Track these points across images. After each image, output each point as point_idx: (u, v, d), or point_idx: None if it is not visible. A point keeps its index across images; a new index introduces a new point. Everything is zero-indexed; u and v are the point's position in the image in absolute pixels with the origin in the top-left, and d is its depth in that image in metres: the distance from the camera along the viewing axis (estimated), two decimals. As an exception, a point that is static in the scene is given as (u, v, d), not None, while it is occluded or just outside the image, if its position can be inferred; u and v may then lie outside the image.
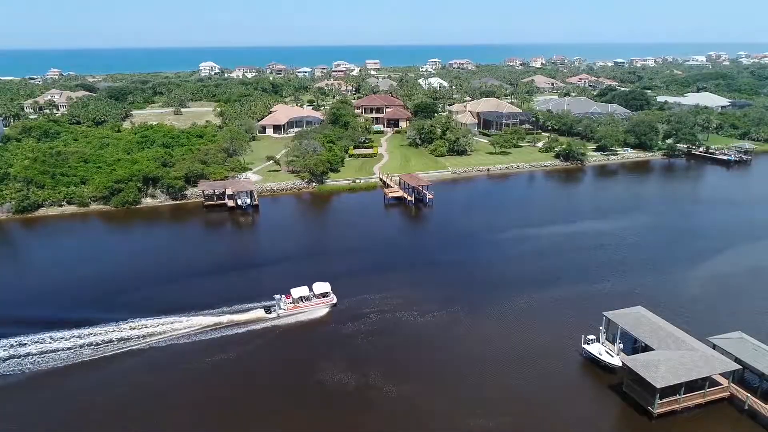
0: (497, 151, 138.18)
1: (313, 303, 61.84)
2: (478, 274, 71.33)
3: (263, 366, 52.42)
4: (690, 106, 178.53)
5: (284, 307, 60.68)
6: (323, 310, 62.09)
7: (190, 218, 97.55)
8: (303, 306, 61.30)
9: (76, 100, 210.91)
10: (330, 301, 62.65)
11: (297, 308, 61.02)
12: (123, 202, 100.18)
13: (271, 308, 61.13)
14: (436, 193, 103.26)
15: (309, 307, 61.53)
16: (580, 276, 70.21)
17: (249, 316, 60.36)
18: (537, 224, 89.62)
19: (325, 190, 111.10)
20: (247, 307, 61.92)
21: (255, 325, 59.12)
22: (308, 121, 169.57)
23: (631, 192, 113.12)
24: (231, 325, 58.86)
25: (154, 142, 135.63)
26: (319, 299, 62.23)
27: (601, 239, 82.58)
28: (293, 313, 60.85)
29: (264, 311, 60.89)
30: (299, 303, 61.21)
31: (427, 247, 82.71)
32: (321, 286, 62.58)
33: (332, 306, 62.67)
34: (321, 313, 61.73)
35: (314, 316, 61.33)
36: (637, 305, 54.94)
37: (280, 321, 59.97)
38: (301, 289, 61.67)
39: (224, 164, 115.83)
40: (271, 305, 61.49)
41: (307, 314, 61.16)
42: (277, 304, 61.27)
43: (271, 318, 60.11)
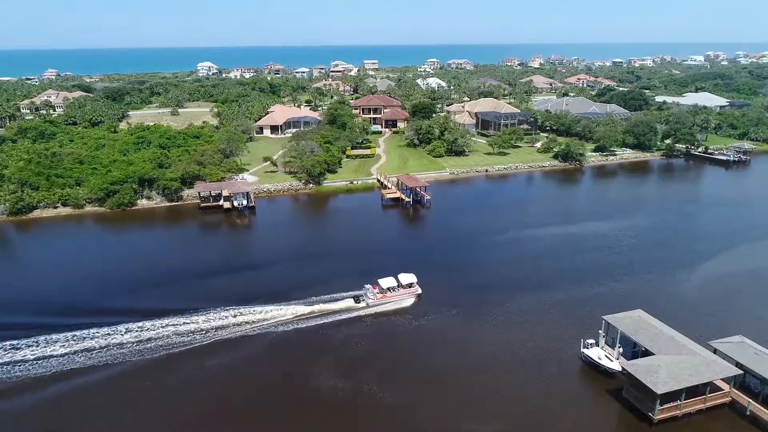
0: (495, 151, 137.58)
1: (399, 293, 63.71)
2: (476, 277, 70.62)
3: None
4: (688, 106, 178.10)
5: (372, 297, 62.61)
6: (410, 300, 64.06)
7: (186, 220, 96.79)
8: (390, 296, 63.25)
9: (72, 101, 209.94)
10: (415, 291, 64.46)
11: (385, 298, 63.06)
12: (118, 204, 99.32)
13: (360, 298, 63.36)
14: (434, 194, 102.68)
15: (396, 297, 63.49)
16: (579, 278, 69.57)
17: (340, 305, 62.69)
18: (535, 226, 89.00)
19: (322, 192, 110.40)
20: (337, 297, 64.32)
21: (347, 314, 61.38)
22: (306, 121, 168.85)
23: (630, 193, 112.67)
24: (325, 313, 61.20)
25: (151, 143, 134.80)
26: (406, 290, 64.02)
27: (600, 241, 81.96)
28: (381, 302, 62.85)
29: (354, 301, 63.31)
30: (387, 293, 63.13)
31: (424, 249, 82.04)
32: (407, 276, 64.50)
33: (417, 296, 64.45)
34: (407, 303, 63.66)
35: (401, 306, 63.15)
36: (636, 308, 54.31)
37: (369, 310, 62.09)
38: (388, 280, 63.68)
39: (221, 165, 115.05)
40: (359, 295, 63.90)
41: (394, 304, 63.07)
42: (365, 294, 63.48)
43: (361, 307, 62.34)
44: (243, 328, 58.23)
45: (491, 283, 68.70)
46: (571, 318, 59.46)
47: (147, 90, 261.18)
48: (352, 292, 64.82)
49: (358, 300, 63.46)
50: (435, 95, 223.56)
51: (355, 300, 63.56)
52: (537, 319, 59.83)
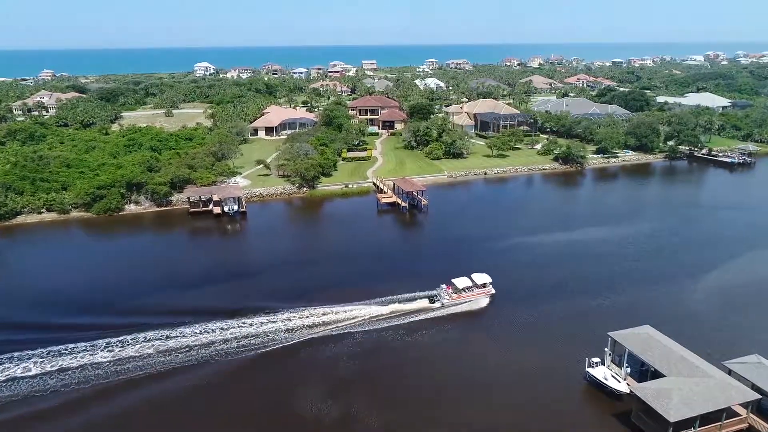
0: (495, 153, 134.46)
1: (474, 293, 63.01)
2: (475, 287, 67.51)
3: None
4: (690, 107, 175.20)
5: (447, 297, 61.90)
6: (484, 301, 63.28)
7: (173, 226, 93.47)
8: (465, 296, 62.58)
9: (65, 102, 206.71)
10: (489, 292, 63.69)
11: (460, 298, 62.40)
12: (105, 209, 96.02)
13: (434, 298, 62.67)
14: (432, 198, 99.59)
15: (471, 297, 62.84)
16: (582, 289, 66.42)
17: (415, 305, 62.01)
18: (535, 232, 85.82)
19: (316, 196, 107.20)
20: (412, 296, 63.64)
21: (424, 314, 60.54)
22: (301, 123, 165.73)
23: (633, 196, 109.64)
24: (401, 314, 60.37)
25: (142, 146, 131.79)
26: (480, 290, 63.29)
27: (603, 248, 78.84)
28: (456, 303, 62.22)
29: (428, 301, 62.64)
30: (462, 293, 62.41)
31: (419, 256, 78.85)
32: (481, 276, 63.79)
33: (491, 296, 63.69)
34: (482, 304, 62.89)
35: (476, 306, 62.40)
36: (643, 323, 51.16)
37: (444, 311, 61.27)
38: (463, 280, 63.02)
39: (212, 169, 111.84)
40: (434, 295, 63.25)
41: (469, 304, 62.37)
42: (439, 294, 62.80)
43: (436, 308, 61.54)
44: (320, 329, 57.36)
45: (490, 294, 65.65)
46: (573, 333, 56.37)
47: (142, 91, 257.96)
48: (427, 292, 64.20)
49: (433, 300, 62.86)
50: (433, 96, 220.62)
51: (429, 300, 63.01)
52: (538, 334, 56.74)
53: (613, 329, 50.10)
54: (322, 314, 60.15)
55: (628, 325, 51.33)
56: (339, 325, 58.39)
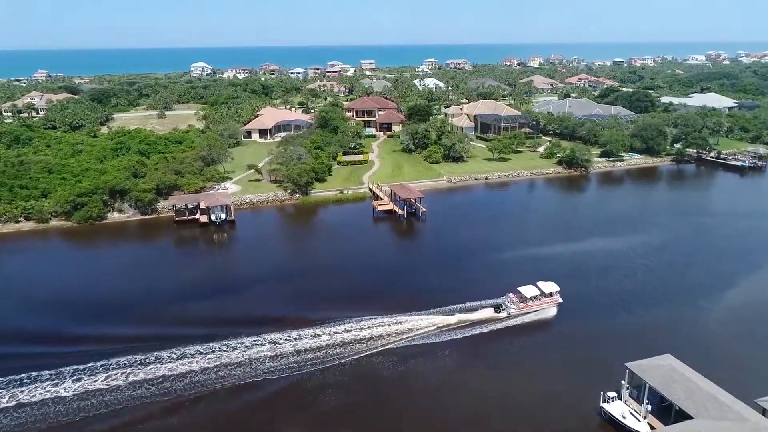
0: (496, 157, 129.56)
1: (541, 302, 60.48)
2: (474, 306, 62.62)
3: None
4: (696, 108, 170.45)
5: (514, 307, 59.62)
6: (552, 310, 60.81)
7: (157, 235, 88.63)
8: (533, 305, 60.10)
9: (55, 103, 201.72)
10: (557, 301, 61.01)
11: (527, 307, 59.97)
12: (86, 218, 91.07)
13: (500, 307, 60.35)
14: (430, 205, 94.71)
15: (538, 306, 60.38)
16: (591, 309, 61.66)
17: (480, 315, 59.72)
18: (539, 242, 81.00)
19: (309, 202, 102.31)
20: (476, 305, 61.29)
21: (492, 324, 58.22)
22: (296, 125, 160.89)
23: (640, 203, 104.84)
24: (466, 325, 58.02)
25: (130, 149, 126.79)
26: (548, 298, 60.68)
27: (612, 261, 74.00)
28: (524, 312, 59.85)
29: (494, 310, 60.34)
30: (529, 302, 59.95)
31: (416, 269, 73.74)
32: (548, 285, 61.14)
33: (558, 305, 61.07)
34: (551, 313, 60.52)
35: (544, 316, 60.05)
36: (660, 349, 46.66)
37: (511, 321, 58.90)
38: (530, 288, 60.42)
39: (200, 174, 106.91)
40: (499, 304, 60.98)
41: (536, 314, 59.99)
42: (504, 303, 60.64)
43: (503, 318, 59.25)
44: (387, 340, 54.89)
45: (493, 313, 60.83)
46: (585, 360, 51.55)
47: (135, 91, 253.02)
48: (492, 300, 61.82)
49: (499, 309, 60.41)
50: (432, 96, 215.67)
51: (495, 309, 60.55)
52: (546, 361, 51.82)
53: (627, 356, 45.44)
54: (374, 325, 57.38)
55: (644, 351, 46.70)
56: (403, 337, 55.69)
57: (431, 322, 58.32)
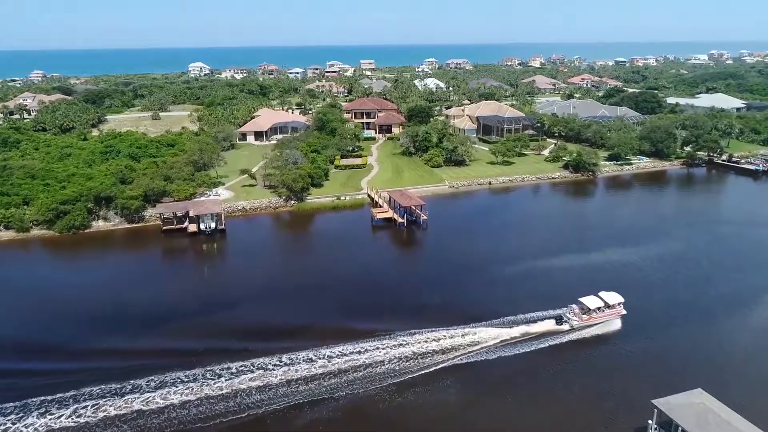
0: (499, 160, 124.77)
1: (606, 314, 57.13)
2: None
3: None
4: (704, 109, 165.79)
5: (577, 319, 56.51)
6: (617, 323, 57.51)
7: (142, 247, 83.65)
8: (597, 317, 56.79)
9: (47, 105, 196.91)
10: (620, 312, 57.62)
11: (591, 319, 56.65)
12: (69, 227, 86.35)
13: (562, 319, 57.19)
14: (432, 212, 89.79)
15: (603, 318, 57.14)
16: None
17: (541, 327, 56.63)
18: (547, 253, 76.04)
19: (305, 209, 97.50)
20: (537, 317, 58.22)
21: (556, 338, 54.92)
22: (293, 127, 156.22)
23: (652, 209, 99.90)
24: (527, 338, 54.97)
25: (120, 153, 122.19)
26: (612, 310, 57.32)
27: (626, 274, 69.07)
28: (587, 324, 56.53)
29: (555, 322, 57.27)
30: (593, 314, 56.52)
31: (416, 285, 68.25)
32: (612, 296, 57.64)
33: (622, 317, 57.75)
34: (615, 327, 57.16)
35: (608, 329, 56.83)
36: (688, 381, 42.25)
37: (574, 334, 55.80)
38: (594, 299, 57.03)
39: (191, 180, 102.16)
40: (560, 315, 57.87)
41: (601, 326, 56.83)
42: (565, 314, 57.60)
43: (565, 330, 56.34)
44: (446, 355, 51.65)
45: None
46: (605, 392, 46.69)
47: (130, 92, 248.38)
48: (554, 311, 58.67)
49: (560, 321, 57.17)
50: (433, 97, 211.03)
51: (556, 321, 57.33)
52: (560, 394, 46.89)
53: (652, 388, 40.79)
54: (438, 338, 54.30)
55: (672, 383, 42.13)
56: (464, 351, 52.45)
57: (489, 335, 55.01)
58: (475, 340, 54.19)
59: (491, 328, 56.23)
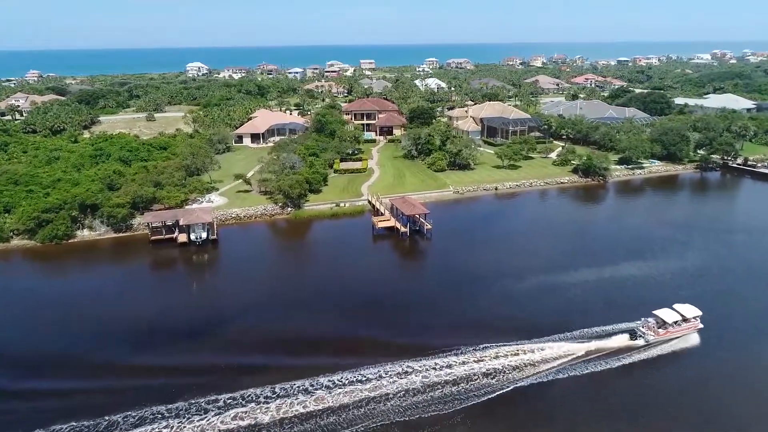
0: (505, 164, 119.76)
1: (683, 328, 53.77)
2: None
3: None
4: (714, 110, 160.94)
5: (652, 334, 52.91)
6: (694, 337, 54.20)
7: (128, 259, 78.24)
8: (674, 331, 53.30)
9: (38, 105, 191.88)
10: (697, 326, 54.24)
11: (667, 334, 53.14)
12: (51, 237, 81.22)
13: (636, 333, 53.56)
14: (436, 220, 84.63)
15: (680, 333, 53.68)
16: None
17: (613, 343, 53.14)
18: (561, 266, 71.05)
19: (302, 217, 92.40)
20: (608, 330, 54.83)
21: (630, 356, 51.05)
22: (291, 128, 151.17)
23: (668, 217, 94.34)
24: (600, 355, 51.22)
25: (110, 156, 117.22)
26: (689, 324, 53.99)
27: (643, 290, 63.97)
28: (663, 339, 53.08)
29: (629, 337, 53.74)
30: (669, 328, 53.06)
31: (419, 302, 63.04)
32: (688, 308, 54.28)
33: (699, 332, 54.52)
34: (692, 341, 53.78)
35: (686, 344, 53.43)
36: (733, 424, 37.02)
37: (650, 350, 52.16)
38: (669, 312, 53.70)
39: (183, 186, 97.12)
40: (633, 330, 54.28)
41: (678, 341, 53.49)
42: (638, 328, 53.91)
43: (640, 346, 52.64)
44: (513, 375, 48.16)
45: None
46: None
47: (126, 93, 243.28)
48: (626, 324, 55.17)
49: (634, 336, 53.50)
50: (435, 97, 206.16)
51: (630, 336, 53.71)
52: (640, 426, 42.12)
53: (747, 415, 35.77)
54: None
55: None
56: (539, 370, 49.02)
57: (558, 352, 51.34)
58: (545, 357, 50.56)
59: (564, 343, 52.69)
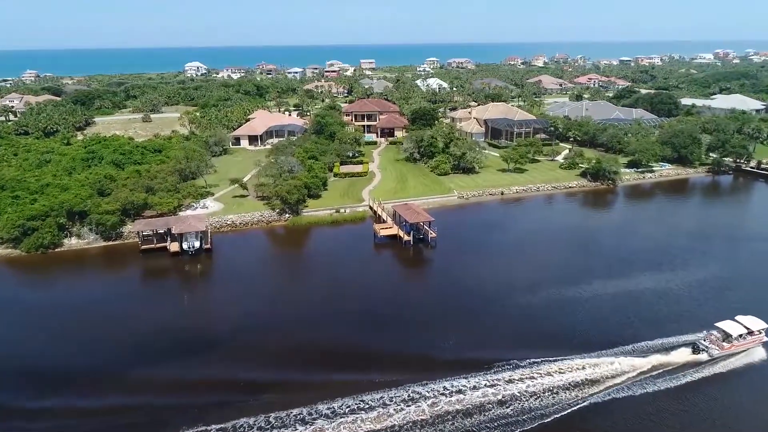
0: (511, 167, 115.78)
1: (748, 342, 50.89)
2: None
3: None
4: (723, 111, 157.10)
5: (716, 347, 50.04)
6: (760, 351, 51.27)
7: (116, 269, 74.16)
8: (739, 345, 50.53)
9: (32, 106, 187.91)
10: (762, 339, 51.72)
11: (733, 348, 50.34)
12: (36, 246, 77.26)
13: (699, 347, 50.54)
14: (441, 226, 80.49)
15: (745, 347, 50.84)
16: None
17: (676, 357, 50.26)
18: (572, 279, 67.02)
19: (300, 224, 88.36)
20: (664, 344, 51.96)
21: (697, 371, 48.28)
22: (290, 130, 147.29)
23: (683, 223, 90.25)
24: (664, 370, 48.33)
25: (102, 159, 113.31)
26: (754, 337, 51.23)
27: (664, 305, 60.11)
28: (729, 353, 50.19)
29: (691, 351, 50.59)
30: (735, 342, 50.30)
31: (422, 320, 58.38)
32: (752, 320, 51.52)
33: (765, 345, 51.87)
34: (759, 356, 50.75)
35: (751, 359, 50.38)
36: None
37: (716, 365, 49.29)
38: (733, 324, 50.80)
39: (176, 191, 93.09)
40: (695, 343, 51.15)
41: (744, 356, 50.57)
42: (700, 342, 51.04)
43: (705, 361, 49.73)
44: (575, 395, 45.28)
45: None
46: None
47: (122, 93, 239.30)
48: (677, 338, 52.49)
49: (697, 350, 50.38)
50: (436, 98, 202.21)
51: (693, 350, 50.59)
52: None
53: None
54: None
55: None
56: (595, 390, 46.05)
57: (620, 368, 48.48)
58: (604, 373, 47.71)
59: (622, 358, 49.70)
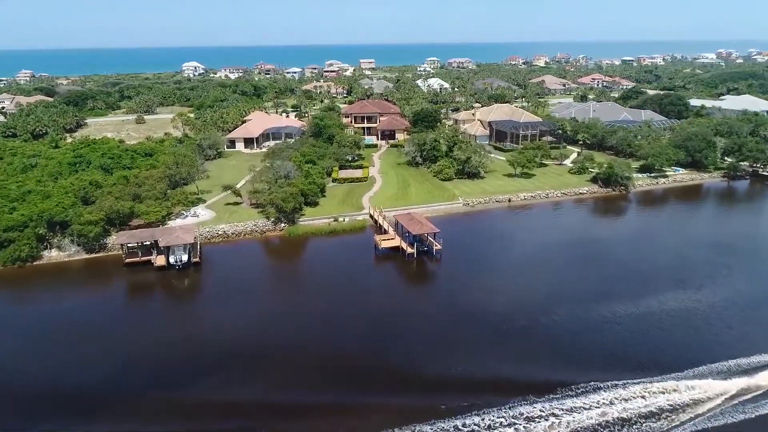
0: (518, 172, 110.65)
1: None
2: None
3: None
4: (734, 112, 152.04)
5: None
6: None
7: (97, 285, 68.87)
8: None
9: (23, 107, 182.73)
10: None
11: None
12: (13, 259, 72.13)
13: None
14: (446, 236, 75.18)
15: None
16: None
17: (762, 379, 46.85)
18: (589, 297, 61.89)
19: (296, 234, 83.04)
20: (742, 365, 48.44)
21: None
22: (287, 132, 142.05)
23: (703, 234, 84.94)
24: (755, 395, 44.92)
25: (90, 163, 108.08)
26: None
27: (688, 329, 55.07)
28: None
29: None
30: None
31: (427, 345, 53.26)
32: None
33: None
34: None
35: None
36: None
37: None
38: None
39: (165, 199, 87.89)
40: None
41: None
42: None
43: None
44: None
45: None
46: None
47: (117, 93, 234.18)
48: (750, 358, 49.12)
49: None
50: (438, 99, 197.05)
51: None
52: None
53: None
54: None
55: None
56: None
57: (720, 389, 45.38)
58: (686, 400, 44.32)
59: (701, 381, 46.47)
